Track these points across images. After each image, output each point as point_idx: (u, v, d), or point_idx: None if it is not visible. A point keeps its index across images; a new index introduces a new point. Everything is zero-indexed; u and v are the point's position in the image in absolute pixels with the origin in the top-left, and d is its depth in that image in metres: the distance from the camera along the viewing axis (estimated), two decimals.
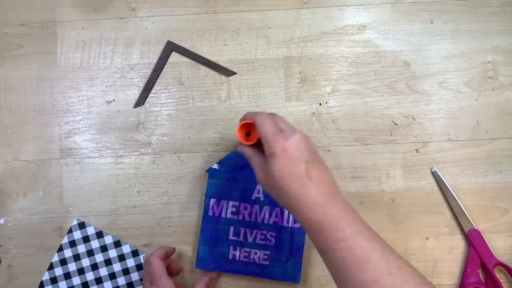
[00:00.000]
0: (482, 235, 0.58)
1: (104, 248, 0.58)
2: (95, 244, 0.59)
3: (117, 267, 0.58)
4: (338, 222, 0.42)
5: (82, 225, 0.59)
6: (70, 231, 0.59)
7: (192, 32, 0.62)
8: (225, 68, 0.61)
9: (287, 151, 0.43)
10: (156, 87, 0.61)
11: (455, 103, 0.61)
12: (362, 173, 0.60)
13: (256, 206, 0.58)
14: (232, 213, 0.58)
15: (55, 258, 0.59)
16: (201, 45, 0.61)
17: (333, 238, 0.41)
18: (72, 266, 0.58)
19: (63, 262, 0.58)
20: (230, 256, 0.57)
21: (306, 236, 0.54)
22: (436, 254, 0.59)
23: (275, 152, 0.43)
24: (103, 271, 0.58)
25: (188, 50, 0.61)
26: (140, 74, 0.61)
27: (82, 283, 0.58)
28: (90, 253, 0.58)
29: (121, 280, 0.58)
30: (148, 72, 0.61)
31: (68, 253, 0.58)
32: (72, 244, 0.59)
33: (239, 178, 0.58)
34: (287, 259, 0.57)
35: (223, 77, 0.61)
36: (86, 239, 0.59)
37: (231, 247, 0.57)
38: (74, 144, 0.61)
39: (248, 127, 0.50)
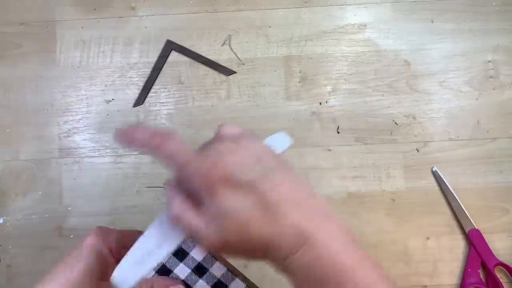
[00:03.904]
0: (483, 235, 0.58)
1: None
2: None
3: None
4: (343, 268, 0.28)
5: None
6: None
7: (192, 31, 0.61)
8: (225, 67, 0.61)
9: (230, 178, 0.28)
10: (155, 86, 0.61)
11: (455, 102, 0.61)
12: (362, 173, 0.60)
13: None
14: None
15: None
16: (201, 44, 0.61)
17: None
18: None
19: None
20: None
21: None
22: (436, 254, 0.59)
23: (212, 189, 0.29)
24: None
25: (187, 49, 0.61)
26: (139, 73, 0.61)
27: None
28: None
29: None
30: (148, 71, 0.61)
31: None
32: None
33: None
34: None
35: (223, 76, 0.61)
36: None
37: None
38: (74, 144, 0.61)
39: None
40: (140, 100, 0.61)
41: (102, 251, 0.36)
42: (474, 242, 0.58)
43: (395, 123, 0.61)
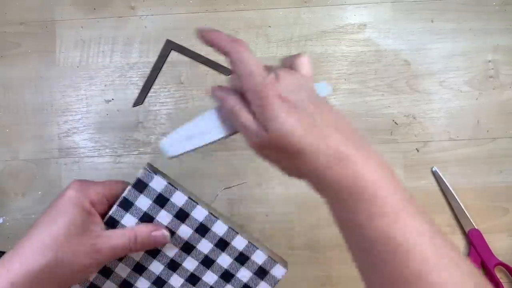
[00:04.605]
0: (483, 235, 0.58)
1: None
2: None
3: None
4: (374, 189, 0.31)
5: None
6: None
7: (192, 31, 0.61)
8: (225, 67, 0.61)
9: (283, 95, 0.32)
10: (155, 86, 0.61)
11: (455, 102, 0.61)
12: None
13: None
14: None
15: None
16: (201, 43, 0.61)
17: (365, 211, 0.30)
18: None
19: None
20: None
21: None
22: None
23: (268, 99, 0.32)
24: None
25: (187, 49, 0.61)
26: (139, 73, 0.61)
27: None
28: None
29: None
30: (147, 71, 0.61)
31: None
32: None
33: None
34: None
35: (223, 76, 0.61)
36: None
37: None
38: (73, 144, 0.60)
39: None
40: (139, 100, 0.61)
41: (84, 204, 0.37)
42: (474, 242, 0.58)
43: (395, 123, 0.60)
